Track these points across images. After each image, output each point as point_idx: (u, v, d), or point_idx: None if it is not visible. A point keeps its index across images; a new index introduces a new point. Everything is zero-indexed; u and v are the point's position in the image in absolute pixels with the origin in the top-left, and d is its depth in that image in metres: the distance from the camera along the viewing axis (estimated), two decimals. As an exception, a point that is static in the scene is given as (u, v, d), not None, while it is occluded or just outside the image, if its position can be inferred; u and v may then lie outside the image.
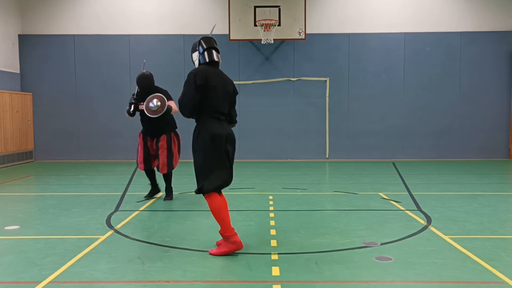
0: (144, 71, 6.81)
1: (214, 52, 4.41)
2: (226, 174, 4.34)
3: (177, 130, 6.90)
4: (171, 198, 6.98)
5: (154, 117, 6.49)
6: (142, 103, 6.65)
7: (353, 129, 12.82)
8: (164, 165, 6.67)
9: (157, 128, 6.65)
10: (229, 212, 4.36)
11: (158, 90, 6.70)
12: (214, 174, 4.25)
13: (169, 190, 7.01)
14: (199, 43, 4.43)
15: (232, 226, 4.33)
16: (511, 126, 12.72)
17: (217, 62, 4.44)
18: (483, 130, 12.76)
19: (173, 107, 6.52)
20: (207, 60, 4.37)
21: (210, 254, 4.31)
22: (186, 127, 6.94)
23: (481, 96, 12.70)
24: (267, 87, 12.66)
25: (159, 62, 12.62)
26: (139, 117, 6.85)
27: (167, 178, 6.92)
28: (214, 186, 4.24)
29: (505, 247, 4.53)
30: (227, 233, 4.26)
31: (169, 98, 6.64)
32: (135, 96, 6.78)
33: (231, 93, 4.47)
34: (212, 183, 4.23)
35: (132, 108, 6.66)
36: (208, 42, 4.42)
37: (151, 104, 6.46)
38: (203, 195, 4.30)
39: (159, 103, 6.43)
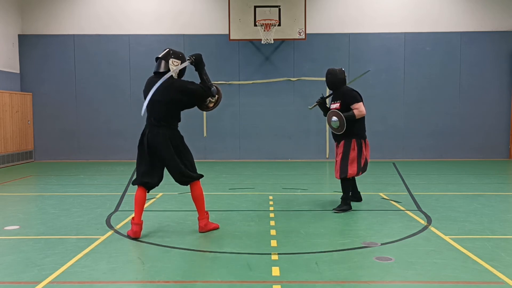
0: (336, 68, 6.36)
1: (161, 63, 4.91)
2: (148, 171, 4.88)
3: (364, 138, 6.25)
4: (338, 211, 6.08)
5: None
6: (332, 102, 6.30)
7: (353, 129, 12.78)
8: (337, 170, 6.15)
9: (337, 134, 6.20)
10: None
11: (344, 91, 6.18)
12: (138, 168, 4.92)
13: (342, 201, 6.20)
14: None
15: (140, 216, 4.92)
16: (511, 126, 12.72)
17: (160, 72, 4.89)
18: (483, 130, 12.74)
19: (356, 113, 6.01)
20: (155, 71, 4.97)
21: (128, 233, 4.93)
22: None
23: (481, 96, 12.69)
24: (267, 87, 12.65)
25: (159, 62, 12.64)
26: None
27: (342, 185, 6.18)
28: (135, 180, 4.91)
29: (505, 247, 4.53)
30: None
31: (354, 101, 6.05)
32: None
33: (163, 100, 4.80)
34: (137, 177, 4.90)
35: (314, 104, 6.62)
36: (161, 53, 4.98)
37: (333, 119, 6.09)
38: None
39: (337, 121, 6.01)
